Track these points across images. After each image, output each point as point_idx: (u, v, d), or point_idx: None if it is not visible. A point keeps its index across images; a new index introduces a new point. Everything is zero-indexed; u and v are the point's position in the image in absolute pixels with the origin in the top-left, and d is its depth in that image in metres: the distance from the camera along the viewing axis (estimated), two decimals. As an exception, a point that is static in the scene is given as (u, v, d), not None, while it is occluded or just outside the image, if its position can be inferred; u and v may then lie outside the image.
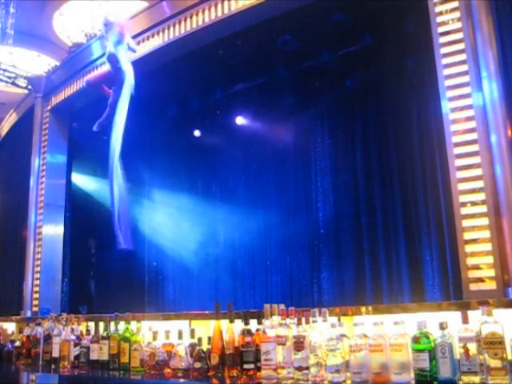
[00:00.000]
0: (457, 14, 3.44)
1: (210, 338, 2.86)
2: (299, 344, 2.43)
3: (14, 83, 9.23)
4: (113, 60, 4.87)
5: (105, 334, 3.36)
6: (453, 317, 2.39)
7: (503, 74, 3.23)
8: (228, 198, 7.19)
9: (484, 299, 2.53)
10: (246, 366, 2.64)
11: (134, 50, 5.08)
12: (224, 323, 2.84)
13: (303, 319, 2.54)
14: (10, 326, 5.45)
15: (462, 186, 3.24)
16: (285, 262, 6.57)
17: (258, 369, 2.59)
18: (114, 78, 4.96)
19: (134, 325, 3.31)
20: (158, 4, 5.22)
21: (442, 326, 2.26)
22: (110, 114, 5.07)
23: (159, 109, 6.63)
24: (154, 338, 3.14)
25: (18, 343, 4.14)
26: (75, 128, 6.87)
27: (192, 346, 2.94)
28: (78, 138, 6.89)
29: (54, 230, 6.46)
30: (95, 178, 7.59)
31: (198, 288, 7.23)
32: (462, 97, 3.31)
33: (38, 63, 10.56)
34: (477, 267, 3.09)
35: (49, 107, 6.69)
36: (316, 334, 2.46)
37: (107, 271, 7.41)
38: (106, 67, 5.13)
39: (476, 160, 3.20)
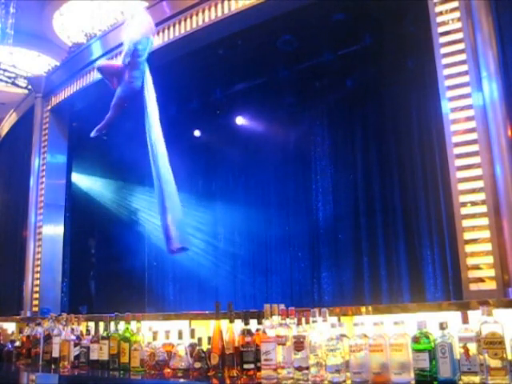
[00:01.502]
0: (457, 14, 3.44)
1: (209, 338, 2.86)
2: (299, 344, 2.43)
3: (14, 83, 9.23)
4: (138, 54, 4.71)
5: (105, 334, 3.36)
6: (453, 317, 2.39)
7: (503, 74, 3.23)
8: (228, 198, 7.19)
9: (484, 299, 2.53)
10: (245, 366, 2.64)
11: None
12: (224, 323, 2.84)
13: (303, 319, 2.54)
14: (10, 326, 5.45)
15: (461, 186, 3.23)
16: (285, 262, 6.57)
17: (258, 369, 2.59)
18: (133, 70, 4.74)
19: (134, 325, 3.31)
20: (158, 4, 5.22)
21: (442, 326, 2.26)
22: (112, 117, 4.98)
23: (159, 108, 6.62)
24: (154, 338, 3.14)
25: (17, 343, 4.14)
26: (75, 128, 6.86)
27: (192, 346, 2.94)
28: (78, 138, 6.89)
29: (54, 230, 6.46)
30: (95, 178, 7.59)
31: (198, 288, 7.23)
32: (462, 97, 3.31)
33: (38, 63, 10.55)
34: (477, 267, 3.09)
35: (49, 107, 6.69)
36: (316, 334, 2.46)
37: (107, 271, 7.41)
38: (120, 61, 5.01)
39: (476, 160, 3.20)
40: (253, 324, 2.75)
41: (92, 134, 5.14)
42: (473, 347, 2.16)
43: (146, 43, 4.71)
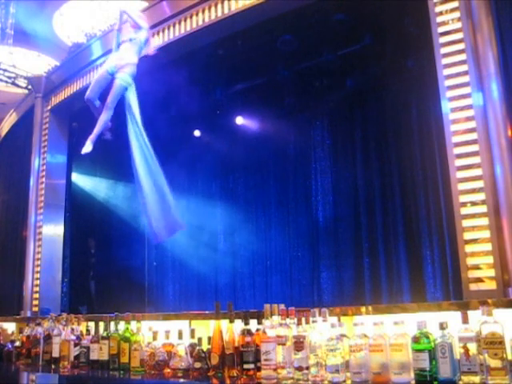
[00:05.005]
0: (457, 14, 3.44)
1: (209, 338, 2.86)
2: (299, 344, 2.43)
3: (14, 83, 9.21)
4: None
5: (105, 334, 3.36)
6: (453, 317, 2.39)
7: (503, 74, 3.23)
8: (228, 198, 7.19)
9: (484, 299, 2.53)
10: (245, 366, 2.63)
11: None
12: (224, 323, 2.84)
13: (303, 319, 2.54)
14: (10, 326, 5.44)
15: (461, 186, 3.23)
16: (285, 262, 6.58)
17: (258, 369, 2.59)
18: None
19: (134, 325, 3.30)
20: (158, 4, 5.22)
21: (442, 326, 2.26)
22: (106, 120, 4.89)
23: (159, 109, 6.63)
24: (154, 338, 3.14)
25: (18, 343, 4.14)
26: (75, 128, 6.87)
27: (192, 346, 2.94)
28: (78, 138, 6.87)
29: (54, 230, 6.46)
30: (95, 178, 7.58)
31: (197, 288, 7.24)
32: (462, 97, 3.31)
33: (38, 63, 10.53)
34: (477, 267, 3.09)
35: (49, 107, 6.69)
36: (316, 334, 2.46)
37: (107, 271, 7.41)
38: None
39: (476, 160, 3.20)
40: (253, 324, 2.74)
41: (85, 150, 4.88)
42: (473, 347, 2.16)
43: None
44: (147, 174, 4.71)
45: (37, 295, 6.12)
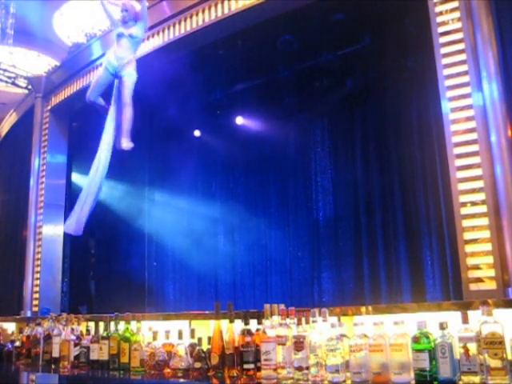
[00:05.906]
0: (457, 14, 3.44)
1: (209, 338, 2.86)
2: (299, 344, 2.43)
3: (14, 83, 9.21)
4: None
5: (105, 334, 3.36)
6: (453, 317, 2.39)
7: (503, 74, 3.24)
8: (228, 198, 7.19)
9: (484, 299, 2.53)
10: (246, 366, 2.63)
11: None
12: (224, 323, 2.84)
13: (303, 319, 2.54)
14: (10, 326, 5.45)
15: (462, 186, 3.24)
16: (285, 262, 6.57)
17: (258, 369, 2.59)
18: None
19: (134, 325, 3.31)
20: (158, 4, 5.22)
21: (442, 326, 2.26)
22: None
23: (159, 109, 6.63)
24: (154, 338, 3.14)
25: (18, 343, 4.14)
26: (75, 128, 6.87)
27: (192, 346, 2.94)
28: (78, 138, 6.88)
29: (53, 230, 6.46)
30: (95, 178, 7.56)
31: (198, 288, 7.23)
32: (462, 97, 3.32)
33: (38, 63, 10.53)
34: (477, 267, 3.09)
35: (49, 107, 6.69)
36: (316, 334, 2.46)
37: (107, 271, 7.41)
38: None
39: (476, 160, 3.21)
40: (253, 324, 2.75)
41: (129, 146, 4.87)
42: (473, 347, 2.16)
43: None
44: (93, 175, 4.84)
45: (37, 295, 6.13)
